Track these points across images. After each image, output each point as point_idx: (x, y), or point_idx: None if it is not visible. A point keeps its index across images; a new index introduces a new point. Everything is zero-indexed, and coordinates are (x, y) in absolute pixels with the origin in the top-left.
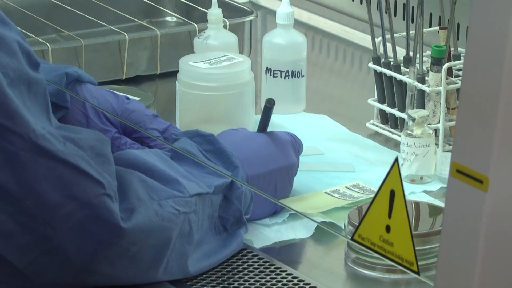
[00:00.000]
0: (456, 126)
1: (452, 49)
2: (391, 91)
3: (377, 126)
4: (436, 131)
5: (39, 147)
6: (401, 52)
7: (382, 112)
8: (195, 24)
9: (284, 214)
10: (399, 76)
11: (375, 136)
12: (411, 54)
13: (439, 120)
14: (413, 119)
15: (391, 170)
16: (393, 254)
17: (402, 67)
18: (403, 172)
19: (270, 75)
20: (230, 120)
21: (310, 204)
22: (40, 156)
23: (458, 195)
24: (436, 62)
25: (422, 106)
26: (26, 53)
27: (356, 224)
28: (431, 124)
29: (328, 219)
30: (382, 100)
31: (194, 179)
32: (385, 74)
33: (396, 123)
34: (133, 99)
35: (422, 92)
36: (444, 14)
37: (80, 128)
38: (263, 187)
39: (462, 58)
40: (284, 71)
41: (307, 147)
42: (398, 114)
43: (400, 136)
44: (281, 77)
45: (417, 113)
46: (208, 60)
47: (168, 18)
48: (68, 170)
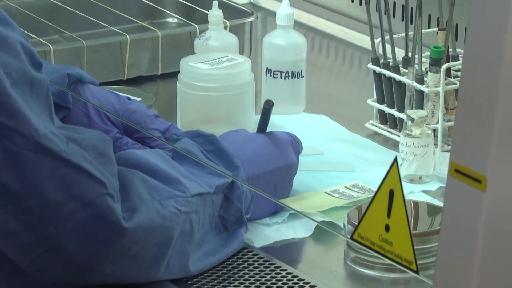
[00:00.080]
0: (455, 126)
1: (450, 50)
2: (390, 92)
3: (376, 126)
4: (434, 131)
5: (42, 147)
6: (400, 53)
7: (381, 112)
8: (195, 25)
9: (284, 213)
10: (398, 77)
11: (374, 136)
12: (410, 55)
13: (438, 120)
14: (412, 120)
15: (390, 170)
16: (392, 253)
17: (401, 68)
18: (402, 172)
19: (270, 76)
20: (230, 120)
21: (310, 204)
22: (43, 156)
23: (456, 195)
24: (435, 63)
25: (421, 106)
26: (29, 53)
27: (356, 223)
28: (430, 124)
29: (327, 219)
30: (381, 100)
31: (195, 179)
32: (384, 75)
33: (395, 123)
34: (134, 99)
35: (421, 93)
36: (443, 15)
37: (82, 128)
38: (263, 186)
39: (460, 59)
40: (284, 72)
41: (307, 147)
42: (397, 114)
43: (399, 136)
44: (281, 77)
45: (416, 113)
46: (208, 61)
47: (169, 19)
48: (70, 169)
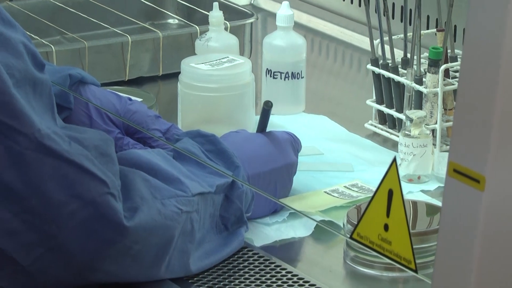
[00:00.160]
0: (453, 126)
1: (449, 50)
2: (389, 92)
3: (375, 127)
4: (433, 131)
5: (44, 147)
6: (399, 53)
7: (380, 113)
8: (196, 26)
9: (284, 213)
10: (397, 78)
11: (374, 136)
12: (408, 55)
13: (436, 121)
14: (410, 120)
15: (389, 170)
16: (391, 252)
17: (400, 69)
18: (401, 171)
19: (270, 77)
20: (231, 121)
21: (309, 203)
22: (45, 156)
23: (455, 194)
24: (434, 64)
25: (419, 107)
26: (32, 54)
27: (355, 223)
28: (428, 125)
29: (327, 218)
30: (380, 101)
31: (196, 178)
32: (383, 76)
33: (394, 124)
34: (135, 100)
35: (419, 93)
36: (441, 16)
37: (84, 128)
38: (263, 186)
39: (459, 59)
40: (284, 73)
41: (307, 147)
42: (396, 114)
43: (398, 136)
44: (281, 78)
45: (414, 113)
46: (209, 62)
47: (170, 21)
48: (72, 169)
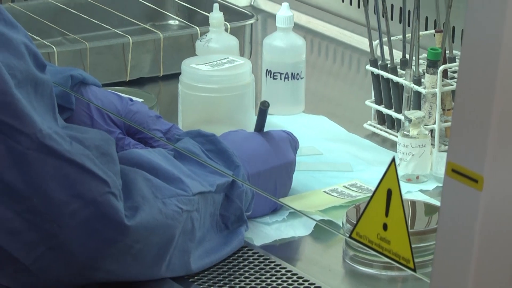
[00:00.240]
0: (452, 126)
1: (447, 51)
2: (388, 93)
3: (374, 127)
4: (432, 131)
5: (46, 147)
6: (397, 54)
7: (379, 113)
8: (197, 28)
9: (284, 212)
10: (395, 78)
11: (373, 136)
12: (407, 56)
13: (435, 121)
14: (409, 120)
15: (388, 169)
16: (390, 251)
17: (398, 69)
18: (399, 171)
19: (270, 77)
20: (231, 121)
21: (309, 203)
22: (47, 156)
23: (453, 194)
24: (432, 65)
25: (418, 107)
26: (33, 54)
27: (354, 222)
28: (427, 125)
29: (326, 218)
30: (379, 101)
31: (197, 178)
32: (382, 76)
33: (393, 124)
34: (136, 100)
35: (418, 94)
36: (440, 17)
37: (86, 128)
38: (263, 184)
39: (457, 60)
40: (283, 73)
41: (306, 147)
42: (394, 115)
43: (396, 136)
44: (281, 79)
45: (413, 114)
46: (209, 63)
47: (171, 22)
48: (74, 169)
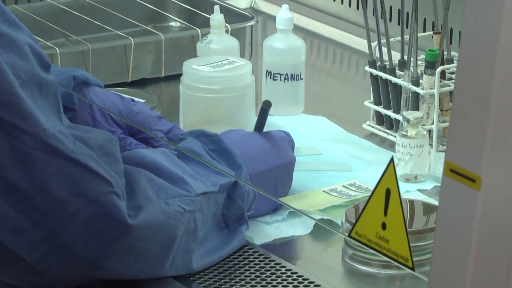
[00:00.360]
0: (450, 127)
1: (445, 53)
2: (387, 94)
3: (373, 127)
4: (430, 132)
5: (50, 146)
6: (396, 56)
7: (378, 113)
8: (198, 29)
9: (284, 211)
10: (394, 79)
11: (371, 136)
12: (405, 58)
13: (433, 122)
14: (407, 121)
15: (387, 169)
16: (388, 250)
17: (397, 70)
18: (398, 171)
19: (270, 78)
20: (231, 121)
21: (308, 202)
22: (51, 155)
23: (451, 194)
24: (430, 66)
25: (416, 108)
26: (37, 55)
27: (353, 221)
28: (425, 125)
29: (326, 217)
30: (378, 102)
31: (200, 178)
32: (380, 77)
33: (392, 124)
34: (138, 101)
35: (416, 95)
36: (438, 19)
37: (90, 128)
38: (264, 184)
39: (455, 61)
40: (283, 74)
41: (306, 147)
42: (393, 115)
43: (395, 136)
44: (280, 80)
45: (411, 114)
46: (210, 64)
47: (172, 23)
48: (77, 168)
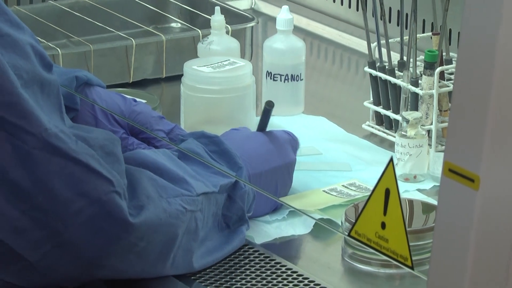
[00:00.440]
0: (448, 127)
1: (444, 53)
2: (386, 94)
3: (372, 128)
4: (429, 132)
5: (51, 146)
6: (395, 56)
7: (377, 114)
8: (198, 30)
9: (284, 211)
10: (393, 80)
11: (371, 137)
12: (405, 58)
13: (432, 122)
14: (407, 121)
15: (386, 169)
16: (388, 249)
17: (396, 71)
18: (397, 171)
19: (271, 79)
20: (232, 122)
21: (308, 202)
22: (52, 155)
23: (450, 193)
24: (429, 66)
25: (415, 108)
26: (39, 55)
27: (353, 221)
28: (424, 126)
29: (326, 216)
30: (377, 102)
31: (201, 178)
32: (380, 78)
33: (391, 125)
34: (140, 101)
35: (415, 95)
36: (437, 20)
37: (92, 127)
38: (264, 185)
39: (454, 62)
40: (284, 75)
41: (306, 147)
42: (392, 116)
43: (394, 137)
44: (281, 80)
45: (410, 115)
46: (211, 64)
47: (173, 24)
48: (79, 168)
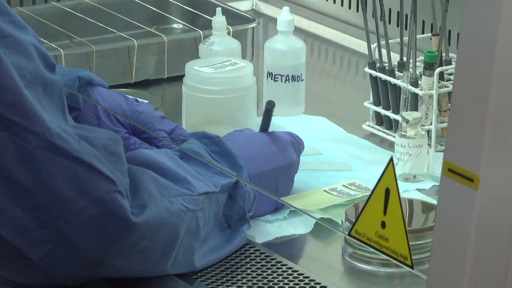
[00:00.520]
0: (448, 127)
1: (443, 54)
2: (386, 94)
3: (372, 128)
4: (428, 132)
5: (54, 145)
6: (395, 57)
7: (377, 114)
8: (200, 31)
9: (285, 211)
10: (393, 80)
11: (371, 137)
12: (404, 59)
13: (432, 122)
14: (406, 121)
15: (386, 169)
16: (388, 249)
17: (396, 72)
18: (397, 171)
19: (271, 79)
20: (233, 122)
21: (309, 202)
22: (55, 154)
23: (450, 193)
24: (429, 67)
25: (415, 108)
26: (42, 55)
27: (353, 220)
28: (424, 126)
29: (326, 216)
30: (377, 103)
31: (202, 178)
32: (380, 78)
33: (391, 125)
34: (142, 101)
35: (415, 95)
36: (436, 21)
37: (94, 127)
38: (265, 185)
39: (453, 63)
40: (284, 75)
41: (307, 147)
42: (392, 116)
43: (394, 137)
44: (281, 81)
45: (410, 115)
46: (212, 65)
47: (175, 25)
48: (81, 167)
